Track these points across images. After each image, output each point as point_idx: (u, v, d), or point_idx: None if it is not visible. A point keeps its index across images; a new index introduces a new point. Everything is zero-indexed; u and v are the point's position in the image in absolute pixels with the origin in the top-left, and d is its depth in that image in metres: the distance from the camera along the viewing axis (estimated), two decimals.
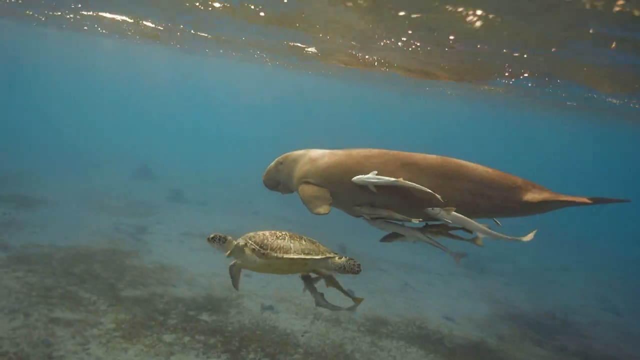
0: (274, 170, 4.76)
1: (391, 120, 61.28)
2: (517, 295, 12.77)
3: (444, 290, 12.16)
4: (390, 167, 3.98)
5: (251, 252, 3.73)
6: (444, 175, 3.93)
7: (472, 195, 3.91)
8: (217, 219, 15.22)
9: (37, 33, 25.00)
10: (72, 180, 17.21)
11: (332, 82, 31.90)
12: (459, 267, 14.47)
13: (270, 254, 3.68)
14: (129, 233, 12.13)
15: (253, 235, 3.83)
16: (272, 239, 3.80)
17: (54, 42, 31.86)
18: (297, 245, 3.80)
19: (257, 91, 55.63)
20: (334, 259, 3.84)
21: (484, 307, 11.35)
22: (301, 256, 3.74)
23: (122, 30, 19.78)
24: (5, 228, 10.79)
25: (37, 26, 23.07)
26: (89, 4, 14.48)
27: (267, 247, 3.71)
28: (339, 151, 4.35)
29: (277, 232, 3.88)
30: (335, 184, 4.21)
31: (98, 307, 7.46)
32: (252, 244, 3.76)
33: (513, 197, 3.92)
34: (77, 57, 43.37)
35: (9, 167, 17.25)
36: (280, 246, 3.73)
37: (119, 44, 27.98)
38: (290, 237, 3.89)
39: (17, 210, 12.47)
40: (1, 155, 19.11)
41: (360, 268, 3.81)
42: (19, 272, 8.23)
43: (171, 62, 38.44)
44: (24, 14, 19.35)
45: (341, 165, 4.16)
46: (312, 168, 4.31)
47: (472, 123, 50.60)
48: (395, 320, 9.45)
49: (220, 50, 22.98)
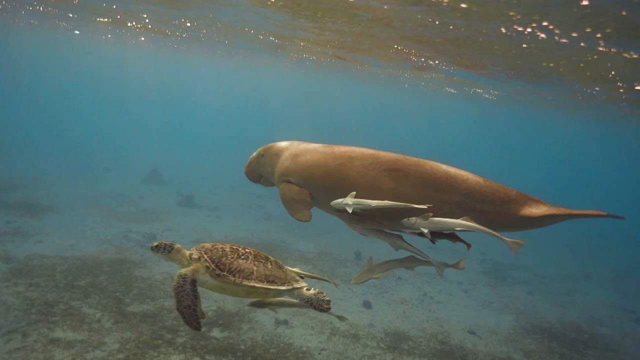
0: (255, 162, 4.43)
1: (380, 115, 60.70)
2: (541, 305, 12.16)
3: (465, 301, 11.60)
4: (373, 171, 3.65)
5: (204, 270, 3.06)
6: (431, 185, 3.57)
7: (462, 209, 3.54)
8: (228, 225, 14.80)
9: (44, 36, 24.82)
10: (81, 185, 16.90)
11: (344, 83, 31.46)
12: (479, 275, 13.90)
13: (227, 277, 3.03)
14: (138, 241, 11.74)
15: (210, 248, 3.16)
16: (232, 257, 3.15)
17: (59, 43, 31.76)
18: (261, 269, 3.18)
19: (267, 94, 55.32)
20: (302, 290, 3.31)
21: (508, 318, 10.78)
22: (263, 285, 3.12)
23: (133, 34, 19.54)
24: (10, 237, 10.46)
25: (45, 28, 22.92)
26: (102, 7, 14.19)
27: (224, 267, 3.07)
28: (323, 148, 3.98)
29: (239, 248, 3.24)
30: (316, 186, 3.90)
31: (102, 324, 7.04)
32: (207, 260, 3.08)
33: (507, 212, 3.56)
34: (84, 60, 43.35)
35: (16, 173, 17.00)
36: (240, 268, 3.10)
37: (128, 47, 27.80)
38: (255, 258, 3.26)
39: (23, 218, 12.14)
40: (8, 160, 18.87)
41: (329, 305, 3.25)
42: (20, 286, 7.85)
43: (181, 66, 38.27)
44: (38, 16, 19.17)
45: (323, 165, 3.83)
46: (292, 165, 3.99)
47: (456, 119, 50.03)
48: (416, 334, 8.93)
49: (232, 52, 22.72)
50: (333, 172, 3.78)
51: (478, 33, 8.65)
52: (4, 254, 9.25)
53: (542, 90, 15.90)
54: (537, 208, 3.56)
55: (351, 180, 3.72)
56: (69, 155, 22.97)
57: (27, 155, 20.62)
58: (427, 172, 3.60)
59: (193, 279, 2.96)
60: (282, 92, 48.48)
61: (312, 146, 4.09)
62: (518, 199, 3.60)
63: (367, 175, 3.67)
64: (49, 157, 21.38)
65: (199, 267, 3.05)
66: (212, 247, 3.17)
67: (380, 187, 3.64)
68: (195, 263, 3.08)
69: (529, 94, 18.04)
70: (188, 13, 13.50)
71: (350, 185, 3.72)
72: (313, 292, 3.33)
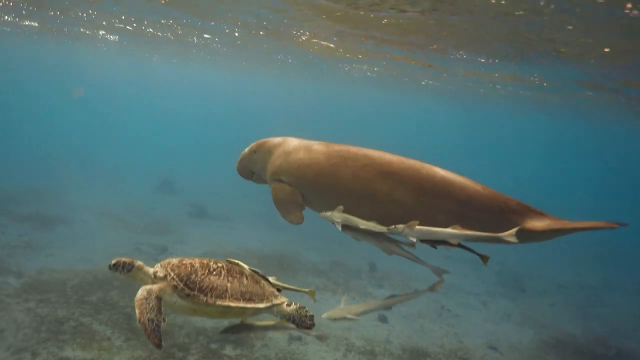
0: (247, 159, 4.24)
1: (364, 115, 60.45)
2: (563, 317, 11.76)
3: (484, 314, 11.26)
4: (367, 174, 3.45)
5: (171, 290, 2.72)
6: (427, 191, 3.37)
7: (458, 219, 3.33)
8: (240, 236, 14.63)
9: (52, 41, 25.03)
10: (93, 196, 16.87)
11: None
12: (497, 285, 13.53)
13: (198, 297, 2.70)
14: (150, 254, 11.61)
15: (178, 264, 2.81)
16: (202, 273, 2.80)
17: (67, 53, 32.06)
18: (236, 285, 2.84)
19: (279, 101, 55.41)
20: (282, 306, 3.00)
21: (529, 332, 10.42)
22: (239, 304, 2.78)
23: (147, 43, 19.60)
24: (22, 251, 10.39)
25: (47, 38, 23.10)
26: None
27: (194, 285, 2.72)
28: (317, 146, 3.75)
29: (211, 263, 2.90)
30: (308, 186, 3.70)
31: (113, 342, 6.87)
32: (175, 278, 2.74)
33: (507, 223, 3.33)
34: (95, 69, 43.81)
35: (27, 184, 17.02)
36: (213, 286, 2.76)
37: (138, 55, 27.96)
38: (228, 273, 2.90)
39: (35, 230, 12.09)
40: (19, 172, 18.92)
41: (312, 321, 2.97)
42: (31, 302, 7.73)
43: (191, 73, 38.45)
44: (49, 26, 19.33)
45: (315, 165, 3.63)
46: (284, 164, 3.80)
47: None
48: (435, 351, 8.64)
49: (243, 63, 22.71)
50: (325, 173, 3.60)
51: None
52: (16, 269, 9.16)
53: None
54: (540, 221, 3.37)
55: (343, 183, 3.53)
56: (81, 166, 23.05)
57: (37, 166, 20.69)
58: (423, 177, 3.41)
59: (159, 296, 2.67)
60: (295, 96, 48.51)
61: (306, 144, 3.88)
62: (519, 209, 3.40)
63: (360, 177, 3.49)
64: (59, 167, 21.43)
65: (166, 287, 2.72)
66: (179, 263, 2.84)
67: (373, 191, 3.46)
68: (160, 282, 2.74)
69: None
70: (210, 25, 13.51)
71: (342, 187, 3.54)
72: (294, 307, 3.03)
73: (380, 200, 3.43)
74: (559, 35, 8.46)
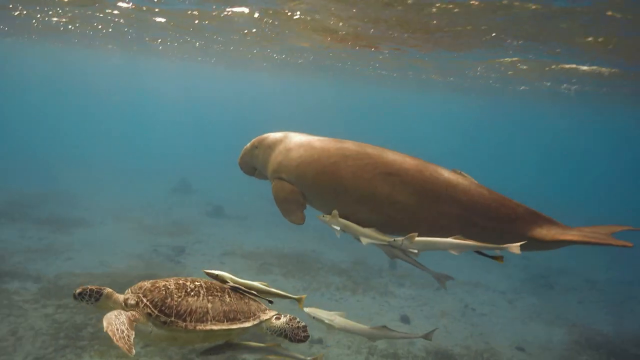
0: (248, 154, 4.10)
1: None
2: (595, 315, 11.30)
3: (511, 312, 10.89)
4: (368, 173, 3.27)
5: (145, 318, 2.43)
6: (430, 194, 3.18)
7: (462, 224, 3.16)
8: (258, 236, 14.46)
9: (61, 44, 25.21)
10: (111, 197, 16.91)
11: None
12: (523, 282, 13.12)
13: (176, 323, 2.40)
14: (167, 255, 11.53)
15: (150, 288, 2.51)
16: (179, 295, 2.49)
17: (79, 58, 32.34)
18: (218, 305, 2.54)
19: (294, 100, 55.26)
20: (270, 320, 2.71)
21: (559, 332, 10.02)
22: (223, 327, 2.47)
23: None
24: (41, 255, 10.39)
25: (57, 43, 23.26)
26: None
27: (170, 310, 2.43)
28: (319, 142, 3.57)
29: (187, 283, 2.59)
30: (308, 185, 3.54)
31: None
32: (148, 305, 2.43)
33: (513, 230, 3.16)
34: (111, 71, 44.22)
35: (46, 187, 17.16)
36: (191, 309, 2.46)
37: (154, 60, 28.03)
38: (208, 292, 2.58)
39: (54, 233, 12.12)
40: (38, 175, 19.10)
41: (306, 332, 2.68)
42: (49, 307, 7.67)
43: (206, 75, 38.51)
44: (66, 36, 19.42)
45: (315, 163, 3.45)
46: (284, 161, 3.65)
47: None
48: (460, 352, 8.34)
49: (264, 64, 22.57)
50: (326, 172, 3.43)
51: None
52: (35, 273, 9.15)
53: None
54: (548, 230, 3.18)
55: (344, 183, 3.35)
56: (97, 168, 23.21)
57: (56, 169, 20.87)
58: (426, 179, 3.23)
59: (131, 321, 2.38)
60: (310, 95, 48.34)
61: (307, 140, 3.69)
62: (526, 216, 3.20)
63: (361, 177, 3.31)
64: (77, 170, 21.62)
65: (138, 316, 2.44)
66: (152, 286, 2.54)
67: (373, 192, 3.27)
68: (132, 310, 2.46)
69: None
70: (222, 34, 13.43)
71: (342, 188, 3.36)
72: (284, 320, 2.75)
73: (381, 201, 3.26)
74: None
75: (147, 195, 18.23)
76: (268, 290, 2.96)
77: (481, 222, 3.19)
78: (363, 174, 3.31)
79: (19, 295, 8.12)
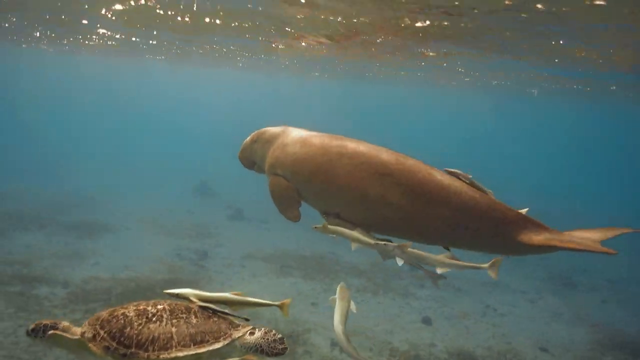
0: (248, 148, 4.12)
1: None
2: (618, 315, 11.17)
3: (532, 312, 10.83)
4: (362, 173, 3.26)
5: (103, 352, 2.26)
6: (422, 196, 3.18)
7: (450, 226, 3.18)
8: (277, 238, 14.61)
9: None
10: (133, 202, 17.25)
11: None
12: (544, 282, 13.02)
13: (137, 355, 2.24)
14: (190, 259, 11.75)
15: (107, 318, 2.35)
16: (139, 323, 2.35)
17: (96, 63, 32.90)
18: (183, 328, 2.39)
19: (311, 102, 55.37)
20: (244, 337, 2.53)
21: (581, 332, 9.94)
22: (189, 352, 2.31)
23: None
24: (68, 260, 10.69)
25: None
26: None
27: (130, 341, 2.27)
28: (314, 139, 3.55)
29: (149, 307, 2.43)
30: (303, 182, 3.53)
31: None
32: (105, 337, 2.27)
33: (503, 234, 3.18)
34: (129, 75, 44.90)
35: (72, 193, 17.58)
36: (154, 336, 2.30)
37: (176, 65, 28.44)
38: (172, 315, 2.43)
39: (81, 239, 12.44)
40: (64, 181, 19.55)
41: (284, 344, 2.54)
42: (77, 312, 7.92)
43: (223, 77, 38.88)
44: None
45: (311, 160, 3.44)
46: (281, 156, 3.64)
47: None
48: (482, 354, 8.35)
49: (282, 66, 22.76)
50: (320, 170, 3.40)
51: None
52: (63, 279, 9.43)
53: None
54: (537, 234, 3.20)
55: (338, 182, 3.34)
56: (120, 172, 23.66)
57: (81, 174, 21.35)
58: (419, 181, 3.22)
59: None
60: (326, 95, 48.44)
61: (304, 136, 3.66)
62: (517, 221, 3.22)
63: (355, 177, 3.29)
64: (101, 175, 22.08)
65: (96, 350, 2.28)
66: (109, 316, 2.37)
67: (366, 193, 3.26)
68: (89, 344, 2.30)
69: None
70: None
71: (336, 187, 3.36)
72: (259, 334, 2.58)
73: (374, 202, 3.25)
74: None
75: (168, 199, 18.53)
76: (243, 301, 2.78)
77: (472, 225, 3.20)
78: (357, 173, 3.29)
79: (49, 300, 8.40)
